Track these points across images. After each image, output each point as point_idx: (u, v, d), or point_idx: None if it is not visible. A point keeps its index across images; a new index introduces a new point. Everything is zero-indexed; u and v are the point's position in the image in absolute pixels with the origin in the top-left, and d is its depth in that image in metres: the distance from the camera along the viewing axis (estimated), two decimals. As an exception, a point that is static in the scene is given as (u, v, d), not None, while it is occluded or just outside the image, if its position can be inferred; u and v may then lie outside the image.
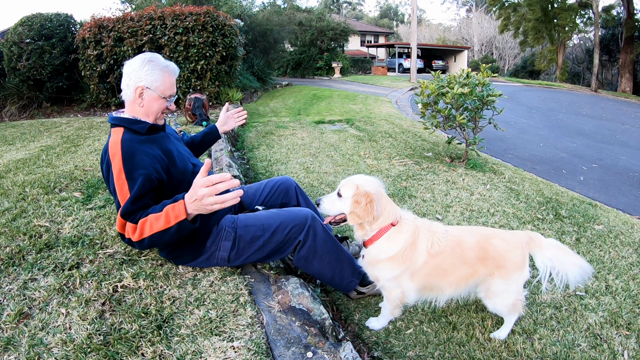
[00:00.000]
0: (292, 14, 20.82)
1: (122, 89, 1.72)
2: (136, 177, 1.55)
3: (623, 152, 6.88)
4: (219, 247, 1.79)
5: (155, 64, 1.69)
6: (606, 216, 3.39)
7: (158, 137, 1.75)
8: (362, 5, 67.90)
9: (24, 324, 1.49)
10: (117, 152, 1.58)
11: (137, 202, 1.54)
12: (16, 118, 7.44)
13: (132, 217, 1.54)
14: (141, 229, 1.51)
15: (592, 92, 21.03)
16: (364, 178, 1.69)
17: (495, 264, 1.67)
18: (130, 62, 1.69)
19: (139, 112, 1.71)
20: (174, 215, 1.46)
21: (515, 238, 1.72)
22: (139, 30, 6.87)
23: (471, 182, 3.92)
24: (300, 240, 1.82)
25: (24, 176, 3.12)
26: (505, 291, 1.70)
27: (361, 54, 31.24)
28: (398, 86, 16.39)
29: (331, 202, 1.70)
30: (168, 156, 1.71)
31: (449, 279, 1.70)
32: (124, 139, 1.62)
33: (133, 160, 1.57)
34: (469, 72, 4.38)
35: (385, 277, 1.71)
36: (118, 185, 1.55)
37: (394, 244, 1.66)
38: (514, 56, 42.31)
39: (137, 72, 1.66)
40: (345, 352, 1.44)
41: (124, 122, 1.68)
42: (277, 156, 4.56)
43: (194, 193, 1.42)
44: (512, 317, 1.80)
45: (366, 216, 1.61)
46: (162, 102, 1.73)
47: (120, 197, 1.55)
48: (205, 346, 1.40)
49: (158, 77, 1.68)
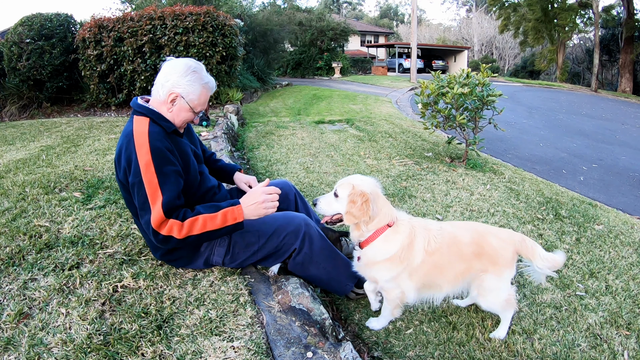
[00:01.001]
0: (292, 14, 20.83)
1: (154, 84, 1.67)
2: (167, 173, 1.54)
3: (623, 152, 6.88)
4: (212, 252, 1.80)
5: (198, 77, 1.64)
6: (606, 216, 3.39)
7: (178, 140, 1.73)
8: (362, 5, 67.94)
9: (24, 324, 1.49)
10: (145, 143, 1.53)
11: (179, 198, 1.56)
12: (16, 118, 7.43)
13: (175, 214, 1.54)
14: (190, 227, 1.54)
15: (592, 92, 21.03)
16: (360, 178, 1.68)
17: (489, 260, 1.68)
18: (174, 64, 1.64)
19: (165, 114, 1.67)
20: (232, 217, 1.60)
21: (509, 236, 1.74)
22: (139, 30, 6.87)
23: (471, 182, 3.92)
24: (296, 248, 1.83)
25: (24, 176, 3.12)
26: (498, 288, 1.71)
27: (361, 54, 31.24)
28: (398, 86, 16.39)
29: (328, 202, 1.69)
30: (184, 160, 1.69)
31: (446, 276, 1.71)
32: (151, 130, 1.57)
33: (163, 154, 1.55)
34: (469, 72, 4.38)
35: (384, 278, 1.70)
36: (147, 179, 1.51)
37: (391, 245, 1.65)
38: (514, 56, 42.31)
39: (177, 77, 1.61)
40: (345, 352, 1.44)
41: (152, 114, 1.63)
42: (277, 156, 4.56)
43: (253, 198, 1.62)
44: (507, 314, 1.80)
45: (362, 216, 1.60)
46: (190, 115, 1.69)
47: (149, 191, 1.51)
48: (205, 346, 1.40)
49: (196, 90, 1.64)
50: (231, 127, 5.80)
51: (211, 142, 4.45)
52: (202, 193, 1.83)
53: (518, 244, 1.72)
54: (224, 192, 2.00)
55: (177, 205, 1.57)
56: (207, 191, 1.86)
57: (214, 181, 1.98)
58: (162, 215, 1.51)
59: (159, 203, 1.51)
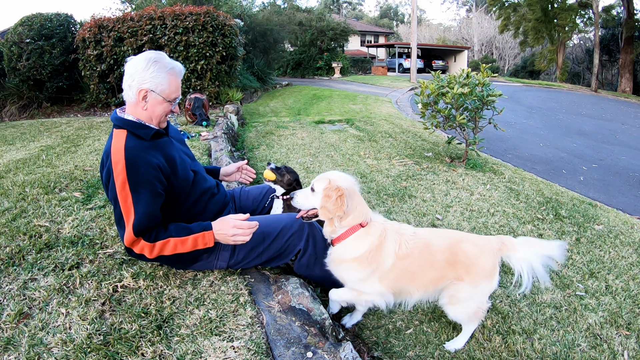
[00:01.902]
0: (292, 14, 20.83)
1: (123, 89, 1.62)
2: (141, 191, 1.51)
3: (623, 152, 6.88)
4: (217, 257, 1.78)
5: (161, 65, 1.59)
6: (606, 216, 3.39)
7: (161, 143, 1.66)
8: (362, 5, 67.90)
9: (24, 324, 1.49)
10: (121, 159, 1.50)
11: (150, 219, 1.54)
12: (16, 118, 7.44)
13: (146, 235, 1.54)
14: (160, 249, 1.56)
15: (592, 92, 21.03)
16: (337, 174, 1.67)
17: (464, 269, 1.61)
18: (134, 62, 1.59)
19: (142, 114, 1.62)
20: (203, 242, 1.62)
21: (486, 243, 1.66)
22: (139, 30, 6.87)
23: (471, 182, 3.92)
24: (300, 249, 1.82)
25: (24, 176, 3.12)
26: (470, 299, 1.64)
27: (361, 54, 31.23)
28: (398, 86, 16.39)
29: (305, 196, 1.67)
30: (171, 164, 1.64)
31: (417, 283, 1.65)
32: (127, 145, 1.53)
33: (138, 171, 1.51)
34: (469, 72, 4.38)
35: (352, 279, 1.67)
36: (121, 197, 1.50)
37: (360, 245, 1.62)
38: (514, 56, 42.30)
39: (141, 73, 1.56)
40: (345, 352, 1.44)
41: (128, 126, 1.59)
42: (277, 156, 4.56)
43: (224, 228, 1.61)
44: (471, 327, 1.75)
45: (336, 211, 1.57)
46: (166, 105, 1.64)
47: (123, 209, 1.50)
48: (205, 346, 1.40)
49: (164, 79, 1.59)
50: (231, 127, 5.79)
51: (211, 142, 4.45)
52: (199, 195, 1.79)
53: (497, 251, 1.64)
54: (222, 193, 1.97)
55: (148, 226, 1.54)
56: (204, 192, 1.82)
57: (212, 181, 1.94)
58: (133, 236, 1.51)
59: (131, 222, 1.50)
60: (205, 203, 1.84)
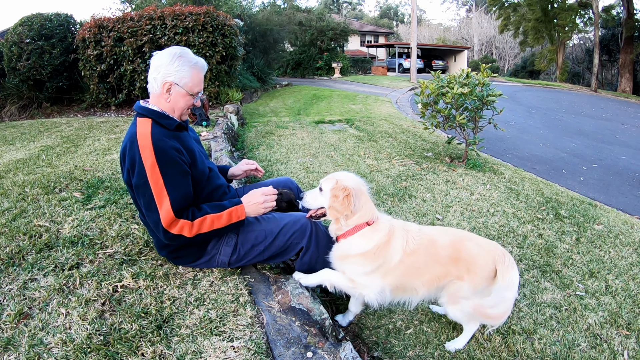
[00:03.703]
0: (292, 14, 20.82)
1: (148, 81, 1.70)
2: (171, 173, 1.57)
3: (623, 152, 6.88)
4: (219, 251, 1.80)
5: (185, 60, 1.66)
6: (606, 216, 3.39)
7: (182, 136, 1.73)
8: (362, 5, 67.89)
9: (24, 324, 1.49)
10: (148, 144, 1.55)
11: (186, 199, 1.60)
12: (16, 118, 7.43)
13: (185, 214, 1.59)
14: (199, 227, 1.62)
15: (592, 92, 21.04)
16: (345, 174, 1.71)
17: (465, 267, 1.62)
18: (160, 56, 1.66)
19: (165, 106, 1.70)
20: (236, 215, 1.70)
21: (490, 248, 1.67)
22: (139, 30, 6.86)
23: (471, 182, 3.92)
24: (303, 247, 1.83)
25: (24, 176, 3.12)
26: (469, 298, 1.63)
27: (361, 54, 31.23)
28: (398, 86, 16.40)
29: (313, 196, 1.73)
30: (191, 156, 1.71)
31: (423, 278, 1.67)
32: (153, 132, 1.60)
33: (167, 154, 1.57)
34: (469, 72, 4.38)
35: (354, 272, 1.69)
36: (152, 179, 1.54)
37: (367, 241, 1.65)
38: (514, 56, 42.30)
39: (166, 67, 1.64)
40: (345, 352, 1.44)
41: (153, 115, 1.66)
42: (277, 156, 4.56)
43: (254, 198, 1.73)
44: (472, 327, 1.75)
45: (344, 210, 1.62)
46: (189, 98, 1.71)
47: (155, 191, 1.55)
48: (205, 346, 1.40)
49: (187, 73, 1.66)
50: (231, 127, 5.79)
51: (211, 142, 4.45)
52: (211, 189, 1.84)
53: (498, 258, 1.64)
54: (233, 192, 2.01)
55: (185, 205, 1.61)
56: (217, 188, 1.87)
57: (224, 180, 1.99)
58: (173, 216, 1.56)
59: (167, 204, 1.55)
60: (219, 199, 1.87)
